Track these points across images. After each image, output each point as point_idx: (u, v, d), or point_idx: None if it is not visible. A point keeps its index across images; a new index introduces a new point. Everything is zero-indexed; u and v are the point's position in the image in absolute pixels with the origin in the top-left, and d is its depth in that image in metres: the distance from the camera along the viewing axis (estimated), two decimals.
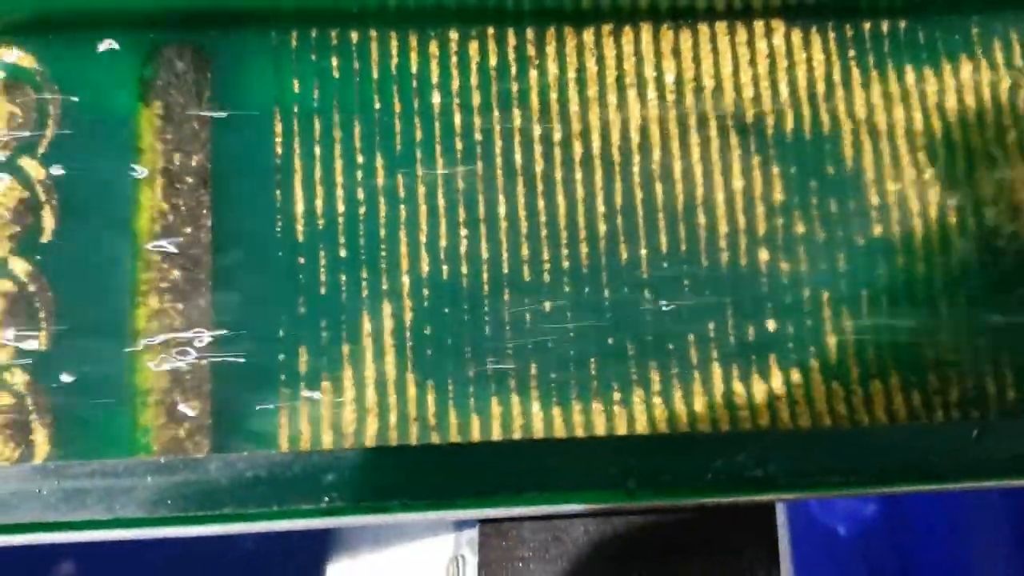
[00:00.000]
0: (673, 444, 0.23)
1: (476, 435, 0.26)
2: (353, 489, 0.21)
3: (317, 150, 0.27)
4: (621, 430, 0.26)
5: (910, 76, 0.28)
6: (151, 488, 0.21)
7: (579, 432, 0.26)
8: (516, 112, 0.27)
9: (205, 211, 0.26)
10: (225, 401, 0.26)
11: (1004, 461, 0.22)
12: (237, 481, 0.21)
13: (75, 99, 0.27)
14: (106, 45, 0.27)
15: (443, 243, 0.27)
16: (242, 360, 0.26)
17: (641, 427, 0.26)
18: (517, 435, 0.26)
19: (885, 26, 0.28)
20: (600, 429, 0.26)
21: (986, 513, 0.43)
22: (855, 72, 0.28)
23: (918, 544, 0.44)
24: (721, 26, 0.28)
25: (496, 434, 0.26)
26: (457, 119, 0.27)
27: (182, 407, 0.26)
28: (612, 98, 0.28)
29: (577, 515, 0.26)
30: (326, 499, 0.21)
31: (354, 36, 0.27)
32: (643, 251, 0.27)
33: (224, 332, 0.26)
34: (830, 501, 0.44)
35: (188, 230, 0.26)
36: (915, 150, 0.28)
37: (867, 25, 0.28)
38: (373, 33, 0.27)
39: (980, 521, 0.43)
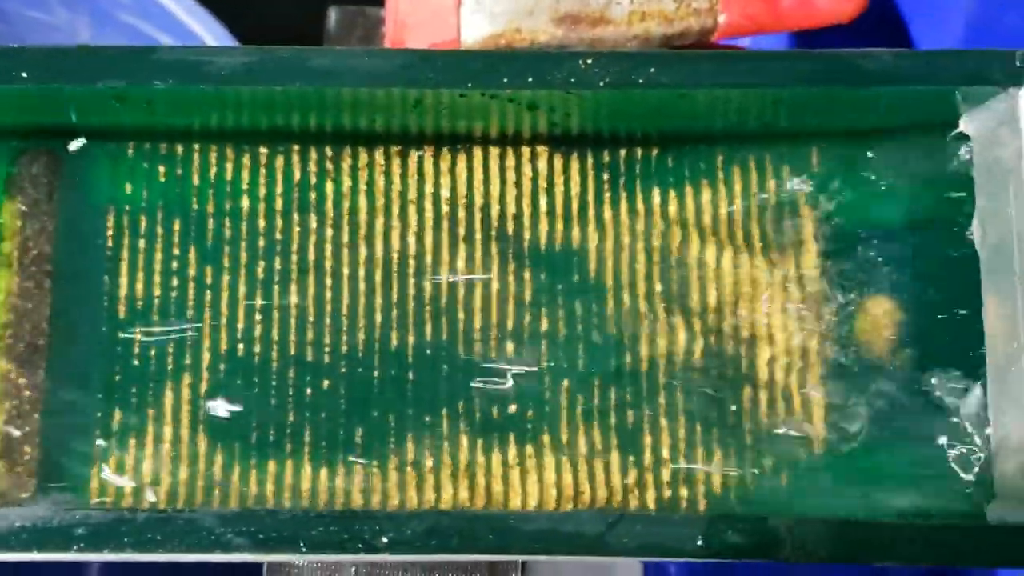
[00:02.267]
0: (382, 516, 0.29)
1: (253, 491, 0.31)
2: (97, 540, 0.27)
3: (141, 243, 0.32)
4: (376, 493, 0.31)
5: (656, 198, 0.33)
6: None
7: (339, 495, 0.31)
8: (312, 217, 0.33)
9: (47, 290, 0.32)
10: (50, 450, 0.31)
11: (630, 545, 0.27)
12: (8, 529, 0.27)
13: None
14: None
15: (240, 325, 0.32)
16: (66, 416, 0.31)
17: (392, 489, 0.31)
18: (287, 494, 0.31)
19: (639, 152, 0.33)
20: (357, 492, 0.31)
21: None
22: (607, 193, 0.33)
23: None
24: (494, 150, 0.33)
25: (270, 492, 0.31)
26: (261, 221, 0.33)
27: (16, 453, 0.31)
28: (395, 209, 0.33)
29: (350, 561, 0.31)
30: (75, 547, 0.27)
31: (179, 148, 0.33)
32: (410, 338, 0.32)
33: (53, 392, 0.31)
34: None
35: (30, 305, 0.32)
36: (652, 263, 0.33)
37: (623, 152, 0.33)
38: (196, 147, 0.33)
39: None
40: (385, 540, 0.27)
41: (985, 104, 0.30)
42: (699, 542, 0.27)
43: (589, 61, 0.28)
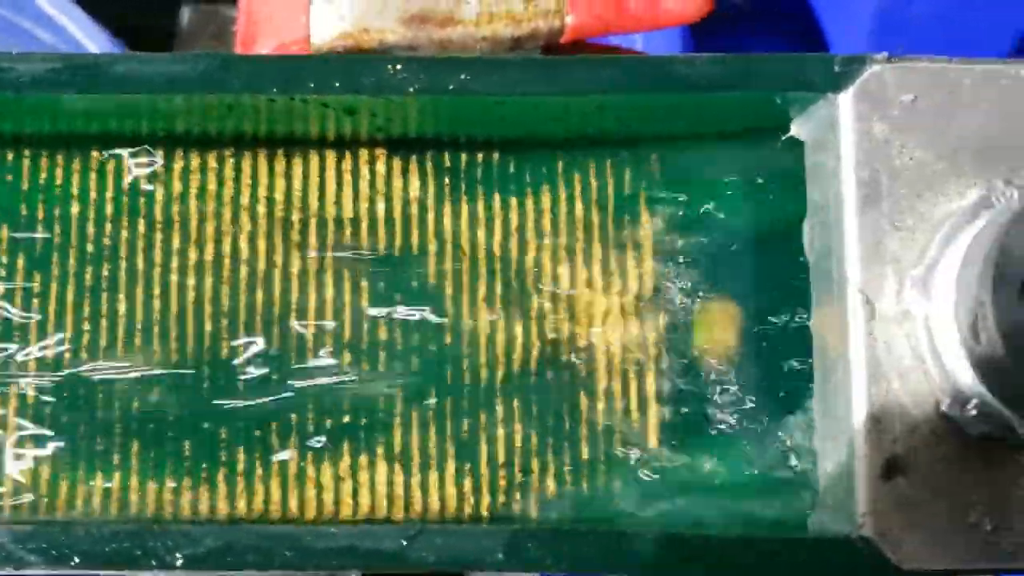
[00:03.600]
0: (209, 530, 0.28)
1: (80, 506, 0.31)
2: None
3: None
4: (204, 506, 0.31)
5: (497, 203, 0.33)
6: None
7: (166, 507, 0.31)
8: (141, 222, 0.32)
9: None
10: None
11: (430, 559, 0.27)
12: None
13: None
14: None
15: (68, 334, 0.31)
16: None
17: (222, 501, 0.31)
18: (115, 507, 0.31)
19: (479, 157, 0.33)
20: (186, 503, 0.31)
21: None
22: (447, 197, 0.33)
23: None
24: (330, 153, 0.33)
25: (96, 505, 0.31)
26: (90, 227, 0.32)
27: None
28: (227, 213, 0.32)
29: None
30: None
31: (10, 155, 0.32)
32: (241, 349, 0.32)
33: None
34: None
35: None
36: (493, 269, 0.32)
37: (464, 156, 0.33)
38: (27, 152, 0.32)
39: None
40: (179, 556, 0.27)
41: (810, 110, 0.30)
42: (500, 555, 0.27)
43: (399, 67, 0.28)
